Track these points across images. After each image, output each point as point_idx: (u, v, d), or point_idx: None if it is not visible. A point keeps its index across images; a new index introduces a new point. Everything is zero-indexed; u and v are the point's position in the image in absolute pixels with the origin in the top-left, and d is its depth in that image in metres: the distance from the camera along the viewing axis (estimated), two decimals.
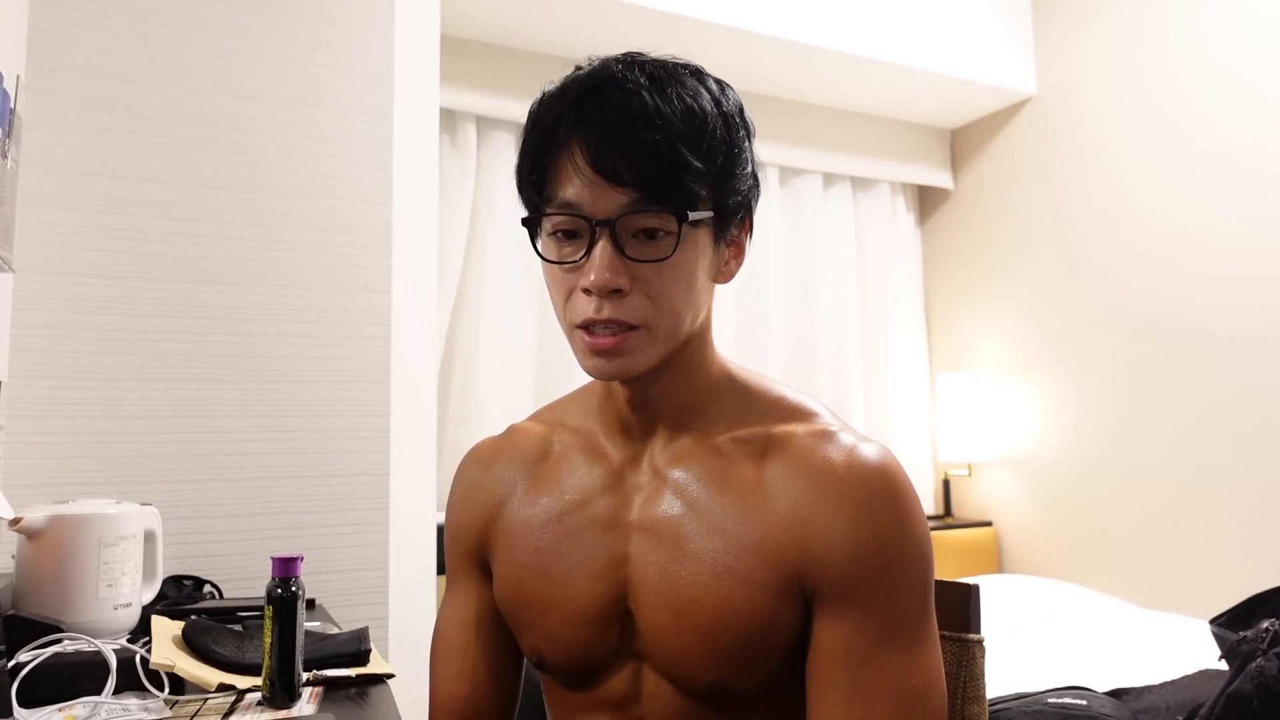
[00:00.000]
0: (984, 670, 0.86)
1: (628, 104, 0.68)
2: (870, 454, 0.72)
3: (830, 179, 3.58)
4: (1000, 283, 3.45)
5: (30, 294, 1.60)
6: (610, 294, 0.69)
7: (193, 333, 1.71)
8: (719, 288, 0.79)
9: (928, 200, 3.82)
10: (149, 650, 1.00)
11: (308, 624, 1.26)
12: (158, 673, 0.98)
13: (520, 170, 0.74)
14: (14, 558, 1.20)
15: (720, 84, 0.75)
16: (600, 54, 0.74)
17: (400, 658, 1.79)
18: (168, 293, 1.70)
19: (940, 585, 0.87)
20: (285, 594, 0.92)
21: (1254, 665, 1.40)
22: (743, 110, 0.76)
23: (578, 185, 0.69)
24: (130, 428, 1.65)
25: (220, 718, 0.91)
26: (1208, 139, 2.75)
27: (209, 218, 1.74)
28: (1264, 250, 2.59)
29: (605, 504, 0.78)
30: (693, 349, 0.77)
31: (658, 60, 0.73)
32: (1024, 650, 2.27)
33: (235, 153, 1.77)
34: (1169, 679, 1.90)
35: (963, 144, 3.68)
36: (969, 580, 0.90)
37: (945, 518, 3.49)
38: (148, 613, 1.26)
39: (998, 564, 3.37)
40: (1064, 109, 3.23)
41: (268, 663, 0.92)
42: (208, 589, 1.59)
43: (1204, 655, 1.99)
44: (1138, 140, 2.96)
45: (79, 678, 0.96)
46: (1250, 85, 2.65)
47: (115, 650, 0.98)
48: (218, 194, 1.75)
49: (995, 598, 2.63)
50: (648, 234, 0.69)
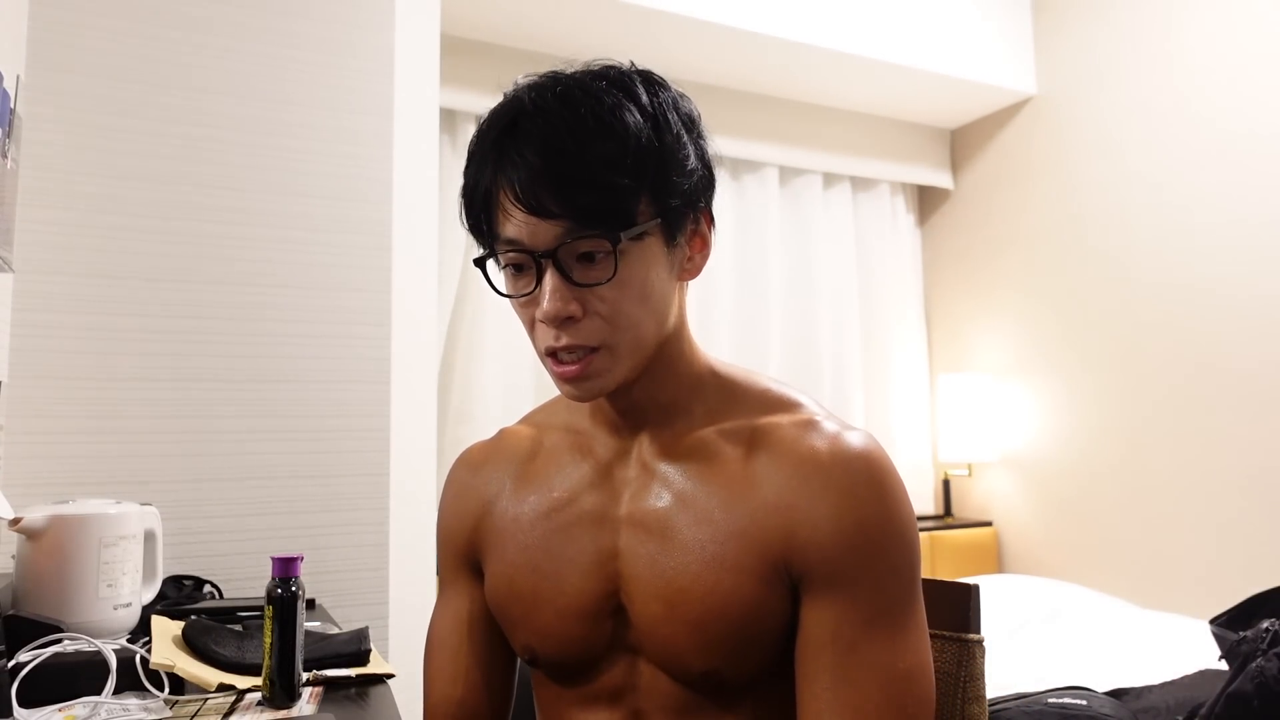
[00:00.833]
0: (984, 670, 0.86)
1: (544, 138, 0.68)
2: (854, 441, 0.72)
3: (830, 179, 3.58)
4: (1000, 283, 3.45)
5: (30, 294, 1.60)
6: (564, 322, 0.70)
7: (193, 333, 1.71)
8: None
9: (928, 200, 3.82)
10: (149, 650, 1.00)
11: (308, 624, 1.26)
12: (158, 673, 0.98)
13: (462, 213, 0.75)
14: (14, 558, 1.20)
15: (651, 85, 0.73)
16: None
17: (400, 658, 1.79)
18: (168, 293, 1.70)
19: (940, 585, 0.87)
20: (285, 594, 0.92)
21: (1254, 665, 1.40)
22: (679, 105, 0.74)
23: (515, 222, 0.70)
24: (130, 428, 1.65)
25: (220, 718, 0.91)
26: (1208, 139, 2.75)
27: (209, 218, 1.74)
28: (1264, 250, 2.59)
29: (594, 500, 0.79)
30: (670, 349, 0.77)
31: (575, 78, 0.72)
32: (1024, 650, 2.28)
33: (235, 152, 1.77)
34: (1169, 679, 1.90)
35: (963, 144, 3.68)
36: (969, 580, 0.90)
37: (945, 518, 3.49)
38: (148, 613, 1.26)
39: (997, 564, 3.37)
40: (1064, 109, 3.23)
41: (268, 663, 0.92)
42: (208, 589, 1.59)
43: (1204, 655, 1.99)
44: (1138, 140, 2.96)
45: (79, 678, 0.96)
46: (1251, 85, 2.65)
47: (115, 650, 0.98)
48: (217, 194, 1.75)
49: (995, 598, 2.63)
50: (588, 258, 0.70)
